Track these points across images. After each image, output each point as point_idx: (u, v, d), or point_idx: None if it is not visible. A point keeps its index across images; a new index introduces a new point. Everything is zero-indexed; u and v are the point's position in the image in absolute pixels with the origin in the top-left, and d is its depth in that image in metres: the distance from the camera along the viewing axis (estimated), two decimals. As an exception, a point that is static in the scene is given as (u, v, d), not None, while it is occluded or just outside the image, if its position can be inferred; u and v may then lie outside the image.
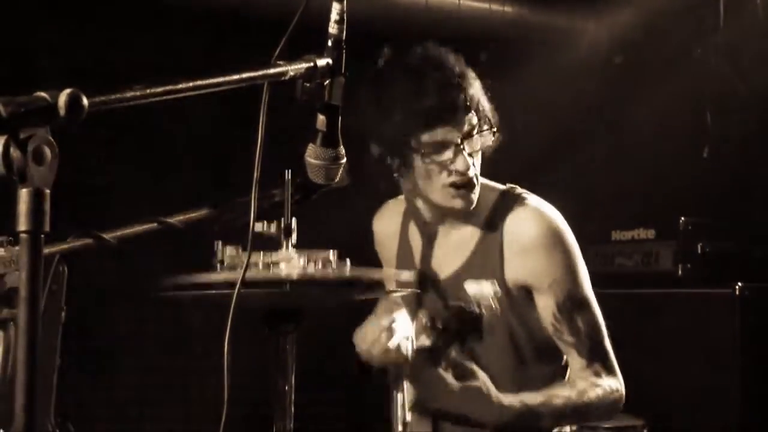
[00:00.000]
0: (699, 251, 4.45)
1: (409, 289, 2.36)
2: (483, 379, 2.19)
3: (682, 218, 4.48)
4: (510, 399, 2.22)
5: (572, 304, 2.30)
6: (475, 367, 2.19)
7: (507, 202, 2.36)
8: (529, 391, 2.31)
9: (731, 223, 4.61)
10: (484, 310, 2.19)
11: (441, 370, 2.18)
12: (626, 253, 4.70)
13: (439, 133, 2.26)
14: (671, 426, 4.27)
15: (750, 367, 4.14)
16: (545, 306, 2.31)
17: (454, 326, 2.18)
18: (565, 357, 2.39)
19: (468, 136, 2.27)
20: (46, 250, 1.57)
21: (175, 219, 1.87)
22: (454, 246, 2.40)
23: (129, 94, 1.33)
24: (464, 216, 2.38)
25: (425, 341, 2.21)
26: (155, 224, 1.82)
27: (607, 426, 4.13)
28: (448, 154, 2.27)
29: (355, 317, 2.34)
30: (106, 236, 1.72)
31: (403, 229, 2.54)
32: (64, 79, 1.27)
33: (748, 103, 4.70)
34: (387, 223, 2.59)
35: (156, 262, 3.13)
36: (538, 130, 5.10)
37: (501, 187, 2.42)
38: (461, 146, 2.27)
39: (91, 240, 1.69)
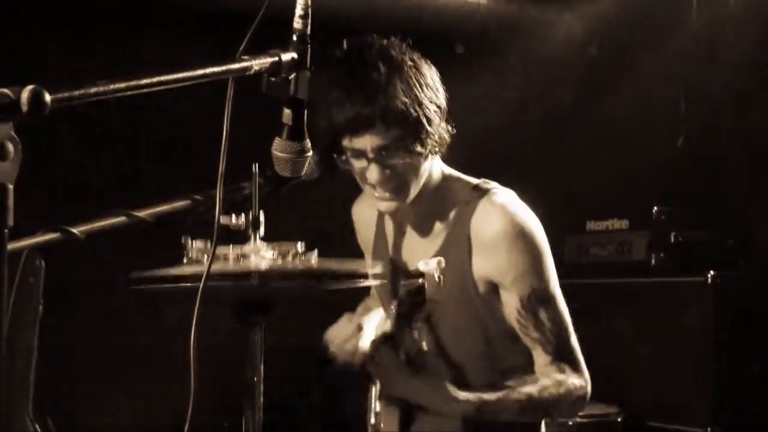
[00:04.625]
0: (672, 240, 4.49)
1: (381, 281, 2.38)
2: (440, 368, 2.22)
3: (655, 208, 4.52)
4: (466, 394, 2.24)
5: (537, 300, 2.31)
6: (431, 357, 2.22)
7: (476, 197, 2.36)
8: (500, 379, 2.34)
9: (704, 212, 4.65)
10: (427, 283, 2.19)
11: (398, 359, 2.20)
12: (601, 243, 4.74)
13: (355, 142, 2.25)
14: (646, 414, 4.32)
15: (723, 353, 4.17)
16: (509, 301, 2.33)
17: (405, 305, 2.20)
18: None
19: (379, 150, 2.25)
20: (13, 245, 1.60)
21: (145, 213, 1.88)
22: (426, 237, 2.42)
23: (92, 90, 1.34)
24: (435, 210, 2.39)
25: (387, 328, 2.24)
26: (124, 218, 1.84)
27: (582, 415, 4.17)
28: (363, 163, 2.28)
29: (327, 307, 2.36)
30: (75, 230, 1.73)
31: (379, 217, 2.56)
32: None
33: (721, 92, 4.73)
34: (365, 210, 2.61)
35: (125, 254, 3.14)
36: (513, 122, 5.12)
37: (473, 181, 2.41)
38: (373, 158, 2.26)
39: (59, 234, 1.70)
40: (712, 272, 4.22)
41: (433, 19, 4.93)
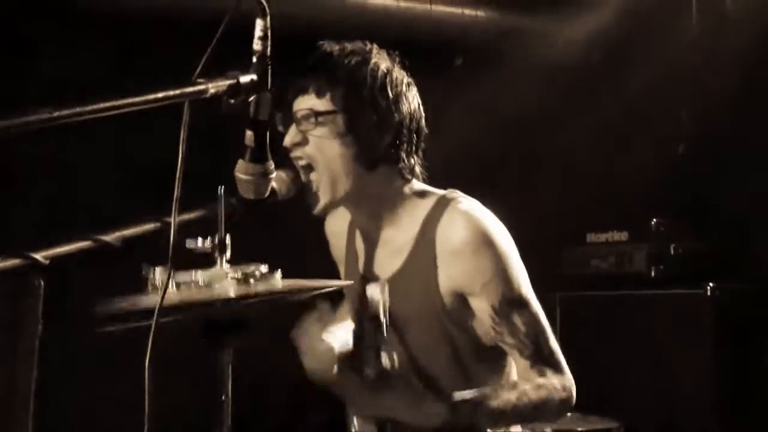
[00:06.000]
0: (671, 252, 4.49)
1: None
2: (408, 382, 2.21)
3: (655, 220, 4.51)
4: (437, 403, 2.21)
5: (508, 305, 2.27)
6: (399, 371, 2.21)
7: (440, 208, 2.35)
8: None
9: (703, 224, 4.63)
10: (372, 308, 2.19)
11: (360, 379, 2.19)
12: (601, 255, 4.73)
13: (295, 103, 2.31)
14: (646, 427, 4.29)
15: (722, 365, 4.16)
16: (481, 309, 2.30)
17: (361, 327, 2.20)
18: (508, 360, 2.39)
19: (305, 116, 2.29)
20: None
21: (112, 237, 1.87)
22: (392, 251, 2.40)
23: (34, 118, 1.33)
24: (402, 224, 2.38)
25: (348, 348, 2.24)
26: (90, 242, 1.82)
27: (582, 429, 4.14)
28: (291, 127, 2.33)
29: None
30: (37, 256, 1.72)
31: (350, 230, 2.56)
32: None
33: (721, 101, 4.70)
34: (337, 223, 2.59)
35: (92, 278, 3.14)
36: (511, 132, 5.10)
37: (439, 192, 2.41)
38: (296, 121, 2.30)
39: (21, 260, 1.68)
40: (711, 284, 4.21)
41: (431, 31, 4.92)
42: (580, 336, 4.38)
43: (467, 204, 2.35)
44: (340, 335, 2.37)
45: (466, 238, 2.28)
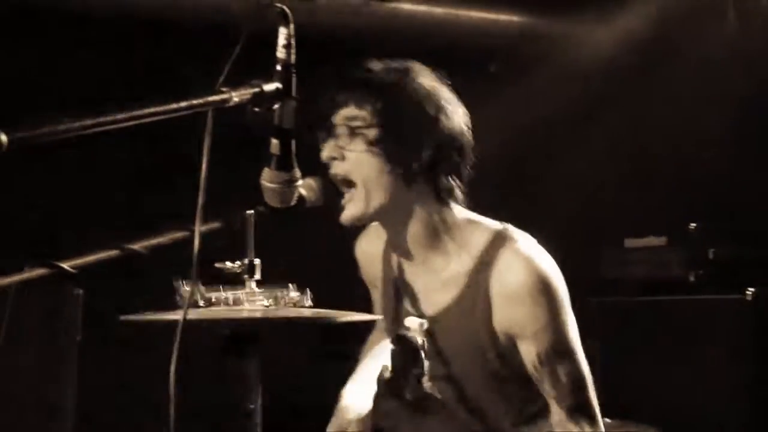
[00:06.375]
0: (710, 257, 4.43)
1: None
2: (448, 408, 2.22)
3: (693, 224, 4.47)
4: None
5: (555, 354, 2.27)
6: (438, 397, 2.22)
7: (498, 245, 2.30)
8: (522, 421, 2.34)
9: (743, 228, 4.58)
10: (420, 343, 2.20)
11: (402, 404, 2.20)
12: (638, 260, 4.69)
13: (333, 118, 2.29)
14: (684, 434, 4.25)
15: (763, 372, 4.10)
16: (527, 353, 2.28)
17: (400, 360, 2.20)
18: None
19: (342, 126, 2.28)
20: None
21: (140, 245, 1.87)
22: (442, 282, 2.36)
23: (60, 128, 1.33)
24: (453, 254, 2.35)
25: (387, 376, 2.24)
26: (118, 251, 1.82)
27: (620, 437, 4.11)
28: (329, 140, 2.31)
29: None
30: (65, 265, 1.73)
31: (386, 252, 2.51)
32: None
33: (760, 103, 4.65)
34: (370, 245, 2.56)
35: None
36: (549, 137, 5.08)
37: (495, 226, 2.35)
38: (333, 131, 2.29)
39: (46, 270, 1.69)
40: (751, 289, 4.15)
41: (462, 38, 4.91)
42: (618, 342, 4.35)
43: (525, 245, 2.31)
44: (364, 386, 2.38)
45: (523, 283, 2.25)
